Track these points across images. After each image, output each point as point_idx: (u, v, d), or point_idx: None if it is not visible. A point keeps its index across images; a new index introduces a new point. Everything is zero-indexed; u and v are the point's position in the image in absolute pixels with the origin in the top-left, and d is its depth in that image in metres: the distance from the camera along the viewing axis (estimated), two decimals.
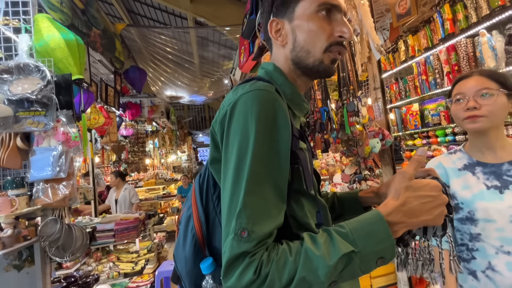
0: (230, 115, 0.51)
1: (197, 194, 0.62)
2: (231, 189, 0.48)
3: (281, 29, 0.62)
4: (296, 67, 0.63)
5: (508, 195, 0.85)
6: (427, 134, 2.92)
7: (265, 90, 0.51)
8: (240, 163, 0.48)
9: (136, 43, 4.56)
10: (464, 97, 0.90)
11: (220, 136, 0.54)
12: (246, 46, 3.16)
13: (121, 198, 3.84)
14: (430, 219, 0.48)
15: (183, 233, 0.62)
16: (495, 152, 0.92)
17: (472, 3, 2.22)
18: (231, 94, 0.55)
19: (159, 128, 6.91)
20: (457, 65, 2.38)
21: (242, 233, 0.45)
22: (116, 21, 8.08)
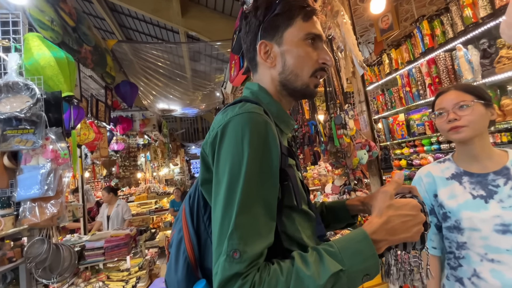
0: (221, 137, 0.52)
1: (188, 215, 0.61)
2: (222, 210, 0.49)
3: (269, 52, 0.64)
4: (283, 88, 0.65)
5: (493, 205, 0.87)
6: (413, 143, 3.01)
7: (255, 113, 0.53)
8: (231, 184, 0.49)
9: (127, 58, 4.60)
10: (445, 111, 0.96)
11: (211, 157, 0.55)
12: (236, 60, 3.24)
13: (113, 214, 3.75)
14: (408, 236, 0.52)
15: (175, 257, 0.61)
16: (481, 162, 0.94)
17: (448, 19, 2.36)
18: (221, 116, 0.56)
19: (151, 141, 6.86)
20: (437, 77, 2.50)
21: (234, 254, 0.45)
22: (108, 35, 8.15)
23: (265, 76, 0.67)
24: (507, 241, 0.84)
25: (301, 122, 1.95)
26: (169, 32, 8.01)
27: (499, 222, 0.85)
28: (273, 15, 0.63)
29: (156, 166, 7.55)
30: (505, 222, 0.85)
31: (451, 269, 0.95)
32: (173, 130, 9.22)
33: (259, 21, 0.64)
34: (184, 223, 0.61)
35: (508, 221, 0.85)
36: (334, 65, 1.73)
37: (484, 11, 2.01)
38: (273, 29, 0.63)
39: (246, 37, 0.68)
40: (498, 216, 0.86)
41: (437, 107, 1.00)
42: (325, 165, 3.87)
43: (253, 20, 0.65)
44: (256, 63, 0.68)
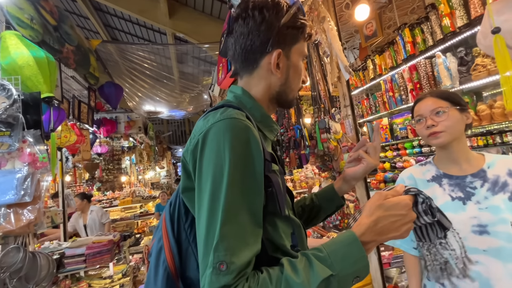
0: (202, 145, 0.52)
1: (168, 223, 0.60)
2: (206, 221, 0.48)
3: (279, 62, 0.64)
4: (277, 97, 0.67)
5: (470, 206, 0.90)
6: (396, 147, 3.10)
7: (236, 118, 0.52)
8: (215, 193, 0.48)
9: (112, 58, 4.49)
10: (422, 117, 1.00)
11: (192, 165, 0.54)
12: (224, 63, 3.23)
13: (90, 221, 3.57)
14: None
15: (154, 267, 0.59)
16: (460, 164, 0.98)
17: (428, 28, 2.46)
18: (202, 123, 0.55)
19: (136, 144, 6.70)
20: (418, 83, 2.59)
21: (221, 266, 0.44)
22: (92, 35, 7.93)
23: (261, 80, 0.66)
24: (484, 242, 0.86)
25: (287, 126, 1.97)
26: (156, 33, 7.90)
27: (476, 223, 0.88)
28: (287, 27, 0.63)
29: (141, 169, 7.37)
30: (481, 223, 0.87)
31: (432, 270, 0.97)
32: (160, 133, 9.06)
33: (272, 25, 0.62)
34: (164, 232, 0.60)
35: (484, 222, 0.87)
36: (320, 70, 1.76)
37: (461, 21, 2.11)
38: (286, 40, 0.64)
39: (247, 37, 0.63)
40: (475, 217, 0.88)
41: (416, 113, 1.04)
42: (312, 168, 3.92)
43: (262, 22, 0.62)
44: (257, 66, 0.65)
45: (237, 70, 0.69)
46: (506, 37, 0.77)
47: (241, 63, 0.67)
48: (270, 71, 0.64)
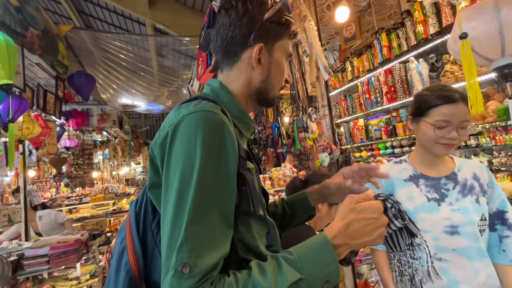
0: (171, 138, 0.48)
1: (133, 223, 0.56)
2: (172, 219, 0.45)
3: (261, 57, 0.62)
4: (257, 94, 0.64)
5: (444, 207, 0.92)
6: (371, 147, 3.21)
7: (211, 112, 0.49)
8: (182, 190, 0.45)
9: (85, 47, 4.21)
10: (449, 125, 0.89)
11: (160, 160, 0.51)
12: (204, 58, 3.16)
13: (44, 227, 3.18)
14: (370, 240, 0.51)
15: (115, 270, 0.55)
16: (437, 167, 0.99)
17: (403, 33, 2.56)
18: (173, 114, 0.52)
19: (110, 138, 6.38)
20: (393, 86, 2.69)
21: (183, 269, 0.42)
22: (63, 20, 7.42)
23: (241, 75, 0.63)
24: (454, 242, 0.90)
25: (265, 124, 1.96)
26: (134, 23, 7.56)
27: (448, 224, 0.91)
28: (271, 21, 0.61)
29: (115, 165, 7.03)
30: (453, 223, 0.90)
31: (407, 268, 0.97)
32: (136, 127, 8.71)
33: (255, 18, 0.60)
34: (128, 232, 0.56)
35: (456, 223, 0.90)
36: (299, 69, 1.76)
37: (433, 28, 2.21)
38: (269, 35, 0.62)
39: (228, 28, 0.61)
40: (448, 218, 0.91)
41: (441, 117, 0.89)
42: (290, 166, 3.96)
43: (245, 14, 0.60)
44: (238, 59, 0.63)
45: (218, 63, 0.66)
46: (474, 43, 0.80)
47: (222, 56, 0.64)
48: (251, 66, 0.62)
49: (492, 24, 0.82)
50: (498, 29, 0.81)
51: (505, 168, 2.16)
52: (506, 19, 0.80)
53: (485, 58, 0.81)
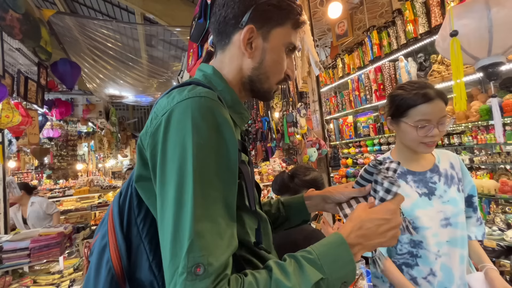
0: (166, 127, 0.45)
1: (116, 217, 0.52)
2: (174, 217, 0.41)
3: (252, 40, 0.57)
4: (249, 83, 0.60)
5: (435, 201, 0.92)
6: (359, 144, 3.27)
7: (207, 97, 0.46)
8: (182, 185, 0.42)
9: (70, 34, 4.04)
10: (429, 124, 0.89)
11: (151, 151, 0.47)
12: (195, 49, 3.09)
13: (31, 214, 3.17)
14: (384, 241, 0.50)
15: (95, 268, 0.52)
16: (419, 161, 0.99)
17: (394, 32, 2.59)
18: (165, 101, 0.48)
19: (96, 129, 6.20)
20: (382, 84, 2.73)
21: (197, 270, 0.39)
22: (46, 5, 7.08)
23: (233, 61, 0.59)
24: (447, 233, 0.90)
25: (255, 118, 1.95)
26: (123, 12, 7.33)
27: (442, 217, 0.91)
28: (268, 4, 0.57)
29: (101, 157, 6.85)
30: (446, 216, 0.91)
31: (407, 267, 0.94)
32: (124, 119, 8.49)
33: None
34: (111, 226, 0.52)
35: (448, 215, 0.91)
36: None
37: (422, 28, 2.25)
38: (265, 19, 0.57)
39: (225, 7, 0.58)
40: (441, 211, 0.91)
41: (419, 116, 0.89)
42: (280, 161, 3.98)
43: None
44: (229, 42, 0.59)
45: (215, 46, 0.63)
46: (463, 41, 0.81)
47: (216, 37, 0.61)
48: (241, 50, 0.58)
49: (482, 22, 0.83)
50: (488, 27, 0.82)
51: (484, 166, 2.25)
52: (496, 17, 0.82)
53: (472, 56, 0.83)
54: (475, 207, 1.03)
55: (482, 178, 2.10)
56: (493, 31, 0.78)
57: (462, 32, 0.78)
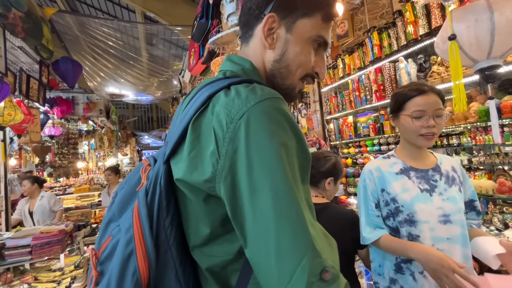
0: (246, 131, 0.41)
1: (145, 220, 0.46)
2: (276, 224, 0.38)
3: (274, 30, 0.54)
4: (270, 79, 0.56)
5: (435, 197, 0.96)
6: (359, 144, 3.28)
7: (280, 99, 0.45)
8: (278, 190, 0.39)
9: (71, 32, 4.05)
10: (424, 114, 0.94)
11: (231, 157, 0.42)
12: (196, 48, 3.10)
13: (37, 208, 3.24)
14: None
15: (117, 280, 0.44)
16: (423, 160, 1.04)
17: (394, 33, 2.60)
18: (237, 100, 0.43)
19: (96, 127, 6.21)
20: (382, 85, 2.75)
21: (325, 275, 0.36)
22: (47, 3, 7.07)
23: (257, 54, 0.57)
24: (447, 231, 0.93)
25: None
26: (123, 10, 7.33)
27: (441, 213, 0.95)
28: None
29: (101, 156, 6.85)
30: (445, 213, 0.95)
31: (406, 262, 0.97)
32: (124, 117, 8.50)
33: None
34: (139, 232, 0.46)
35: (448, 212, 0.95)
36: None
37: (423, 30, 2.27)
38: (289, 8, 0.53)
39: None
40: (440, 207, 0.95)
41: (417, 107, 0.95)
42: None
43: None
44: (252, 34, 0.57)
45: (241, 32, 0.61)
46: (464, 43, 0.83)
47: (241, 29, 0.59)
48: (263, 42, 0.55)
49: (485, 25, 0.85)
50: (490, 30, 0.84)
51: (483, 166, 2.27)
52: (498, 20, 0.83)
53: (471, 59, 0.85)
54: (478, 210, 1.05)
55: (480, 179, 2.12)
56: (495, 34, 0.79)
57: (463, 34, 0.79)
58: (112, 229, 0.52)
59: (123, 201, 0.54)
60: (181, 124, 0.48)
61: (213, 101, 0.47)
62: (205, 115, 0.46)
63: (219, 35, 1.85)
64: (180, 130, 0.48)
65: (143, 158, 0.63)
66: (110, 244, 0.49)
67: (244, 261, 0.46)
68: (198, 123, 0.46)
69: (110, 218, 0.54)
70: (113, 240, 0.49)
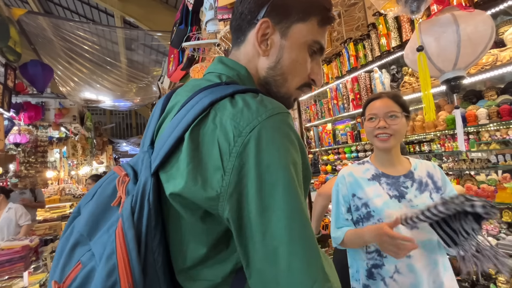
0: (257, 145, 0.39)
1: (133, 244, 0.39)
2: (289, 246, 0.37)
3: (268, 36, 0.52)
4: (265, 87, 0.54)
5: (404, 204, 0.99)
6: (338, 151, 3.36)
7: (288, 113, 0.44)
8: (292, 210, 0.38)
9: (44, 35, 3.85)
10: (376, 117, 1.03)
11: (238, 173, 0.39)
12: (176, 55, 3.06)
13: (3, 221, 2.98)
14: None
15: None
16: (395, 166, 1.07)
17: (369, 44, 2.72)
18: (247, 113, 0.41)
19: (69, 134, 5.90)
20: (359, 93, 2.85)
21: None
22: (18, 4, 6.72)
23: (249, 61, 0.54)
24: (414, 236, 0.93)
25: None
26: (102, 14, 7.13)
27: None
28: None
29: (74, 164, 6.48)
30: None
31: (377, 268, 0.99)
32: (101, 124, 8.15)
33: None
34: (124, 259, 0.39)
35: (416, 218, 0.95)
36: None
37: (395, 42, 2.38)
38: (284, 13, 0.51)
39: (242, 3, 0.53)
40: None
41: (369, 111, 1.06)
42: None
43: None
44: (245, 39, 0.54)
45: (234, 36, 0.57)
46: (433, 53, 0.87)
47: (233, 34, 0.56)
48: (256, 48, 0.52)
49: (451, 37, 0.90)
50: (456, 42, 0.89)
51: (452, 172, 2.39)
52: (463, 33, 0.89)
53: (438, 69, 0.89)
54: None
55: None
56: (461, 46, 0.84)
57: (431, 46, 0.84)
58: (80, 254, 0.44)
59: (93, 219, 0.46)
60: (174, 131, 0.43)
61: (215, 109, 0.43)
62: (205, 124, 0.42)
63: (197, 42, 1.83)
64: (174, 139, 0.43)
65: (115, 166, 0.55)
66: (81, 274, 0.42)
67: (232, 282, 0.44)
68: (197, 132, 0.42)
69: (77, 240, 0.46)
70: (84, 269, 0.42)
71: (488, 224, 1.93)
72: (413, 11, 0.81)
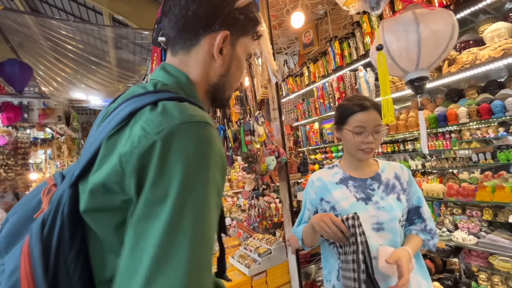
0: (164, 150, 0.37)
1: (38, 260, 0.37)
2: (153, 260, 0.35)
3: (223, 47, 0.54)
4: (213, 91, 0.57)
5: (371, 206, 1.00)
6: (325, 150, 3.35)
7: (211, 125, 0.43)
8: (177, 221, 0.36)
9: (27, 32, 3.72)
10: (365, 131, 0.98)
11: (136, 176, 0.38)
12: (158, 53, 2.99)
13: None
14: None
15: None
16: (363, 169, 1.08)
17: (354, 43, 2.70)
18: (159, 117, 0.40)
19: (55, 135, 5.75)
20: (344, 92, 2.83)
21: None
22: (3, 2, 6.51)
23: (199, 65, 0.54)
24: (380, 237, 0.96)
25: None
26: (90, 12, 6.97)
27: (375, 221, 0.97)
28: (240, 13, 0.54)
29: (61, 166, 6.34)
30: (379, 221, 0.97)
31: (343, 270, 0.98)
32: (88, 124, 7.99)
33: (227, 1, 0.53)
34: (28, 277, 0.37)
35: (381, 220, 0.97)
36: (248, 71, 1.74)
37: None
38: (235, 26, 0.55)
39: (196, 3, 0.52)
40: (375, 216, 0.98)
41: (357, 123, 0.99)
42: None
43: None
44: (198, 43, 0.53)
45: (170, 41, 0.55)
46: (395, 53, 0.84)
47: (177, 33, 0.54)
48: (210, 55, 0.54)
49: (412, 36, 0.88)
50: (417, 41, 0.87)
51: (435, 170, 2.40)
52: (424, 33, 0.86)
53: (402, 69, 0.87)
54: (424, 218, 1.05)
55: (433, 182, 2.23)
56: (422, 45, 0.82)
57: (393, 45, 0.81)
58: None
59: (13, 232, 0.45)
60: (96, 140, 0.44)
61: (136, 118, 0.42)
62: (123, 132, 0.42)
63: None
64: (94, 148, 0.43)
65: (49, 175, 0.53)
66: None
67: None
68: (113, 141, 0.41)
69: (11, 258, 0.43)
70: None
71: (470, 222, 1.93)
72: (373, 7, 0.78)
